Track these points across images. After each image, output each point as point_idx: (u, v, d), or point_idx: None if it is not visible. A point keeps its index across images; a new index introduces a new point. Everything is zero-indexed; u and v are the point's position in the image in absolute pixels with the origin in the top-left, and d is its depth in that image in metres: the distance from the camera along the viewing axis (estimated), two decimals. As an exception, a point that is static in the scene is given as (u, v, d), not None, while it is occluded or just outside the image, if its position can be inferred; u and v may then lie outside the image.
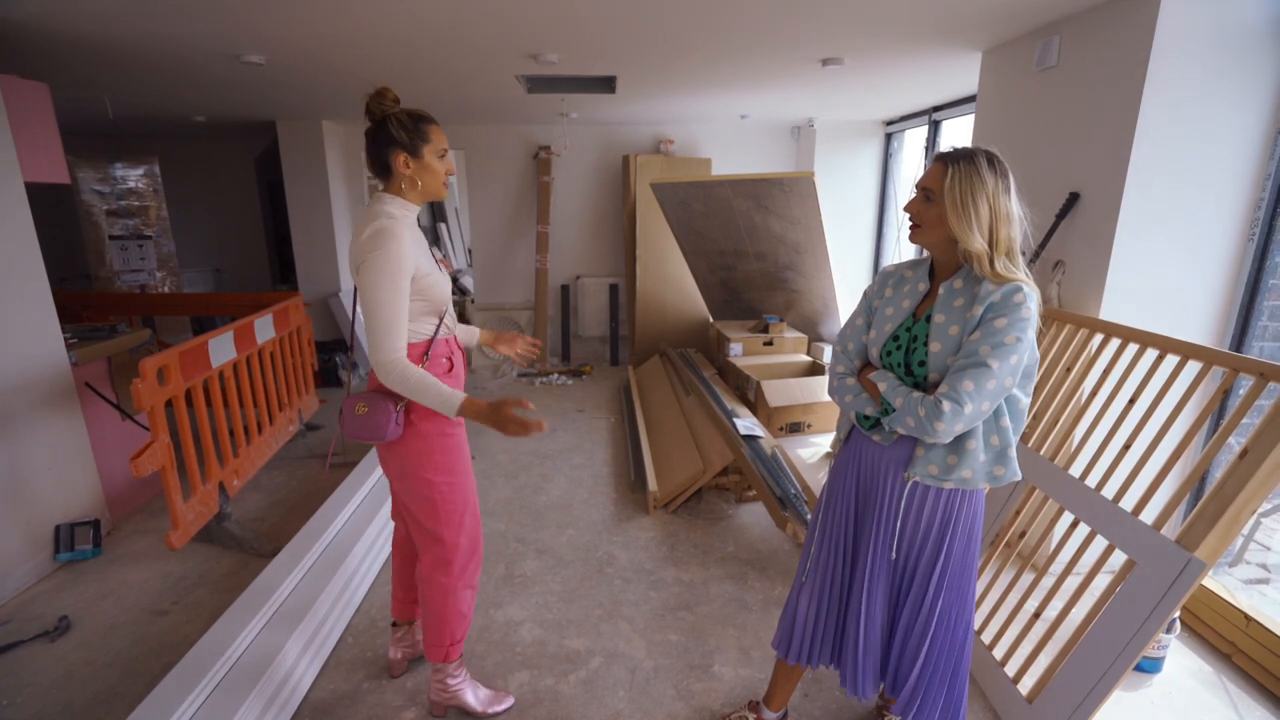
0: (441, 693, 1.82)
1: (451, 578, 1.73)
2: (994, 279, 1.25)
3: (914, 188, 1.32)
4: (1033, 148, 2.58)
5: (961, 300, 1.30)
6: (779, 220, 4.01)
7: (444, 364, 1.67)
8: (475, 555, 1.78)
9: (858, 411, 1.45)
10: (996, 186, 1.24)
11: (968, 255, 1.27)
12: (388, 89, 1.53)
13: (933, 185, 1.27)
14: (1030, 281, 1.27)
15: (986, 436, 1.31)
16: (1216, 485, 1.52)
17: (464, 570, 1.75)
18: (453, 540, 1.71)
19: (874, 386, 1.37)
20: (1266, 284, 2.14)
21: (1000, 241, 1.25)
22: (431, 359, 1.62)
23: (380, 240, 1.45)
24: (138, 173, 5.29)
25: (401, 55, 2.99)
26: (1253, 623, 1.98)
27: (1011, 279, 1.24)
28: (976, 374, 1.21)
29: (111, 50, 2.78)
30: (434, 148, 1.55)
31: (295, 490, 3.28)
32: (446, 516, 1.68)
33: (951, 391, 1.22)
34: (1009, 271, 1.25)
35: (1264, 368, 1.56)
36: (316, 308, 5.37)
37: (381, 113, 1.53)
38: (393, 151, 1.52)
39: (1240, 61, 2.03)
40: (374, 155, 1.55)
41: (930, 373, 1.30)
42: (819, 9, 2.31)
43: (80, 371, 2.75)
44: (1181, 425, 1.85)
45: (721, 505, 3.10)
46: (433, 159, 1.55)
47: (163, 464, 2.22)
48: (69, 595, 2.40)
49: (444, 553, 1.71)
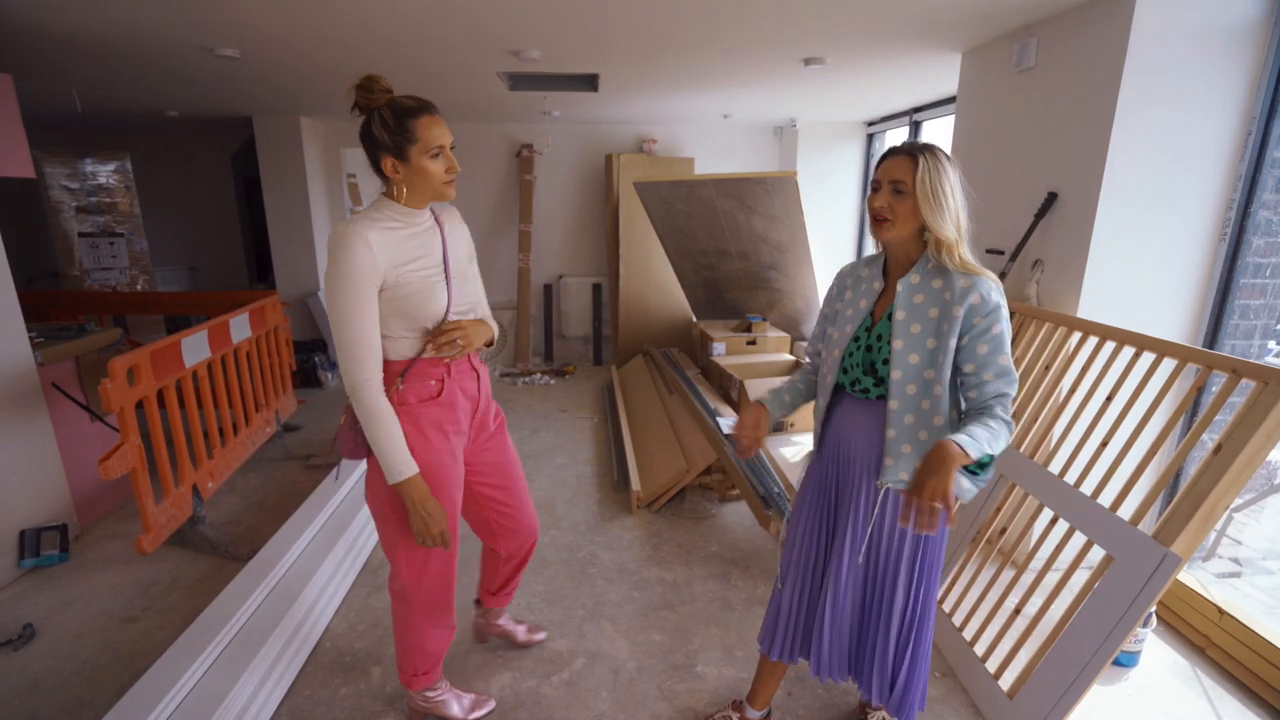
0: (421, 703, 1.77)
1: (413, 614, 1.60)
2: (963, 269, 1.28)
3: (878, 183, 1.30)
4: (1011, 148, 2.61)
5: (922, 296, 1.31)
6: (762, 220, 4.02)
7: (431, 387, 1.46)
8: (444, 598, 1.61)
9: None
10: (955, 176, 1.27)
11: (938, 246, 1.28)
12: (375, 78, 1.33)
13: (904, 178, 1.26)
14: (990, 272, 1.30)
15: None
16: (1191, 481, 1.54)
17: (430, 611, 1.60)
18: (412, 581, 1.55)
19: (964, 456, 1.17)
20: (1238, 282, 2.18)
21: (963, 230, 1.28)
22: (409, 380, 1.43)
23: (332, 251, 1.31)
24: (108, 168, 5.16)
25: (380, 50, 2.94)
26: (1226, 616, 2.01)
27: (979, 272, 1.28)
28: (1009, 383, 1.28)
29: (78, 41, 2.70)
30: (423, 147, 1.34)
31: (272, 492, 3.21)
32: (407, 557, 1.53)
33: (1002, 408, 1.27)
34: (971, 261, 1.29)
35: (1236, 364, 1.59)
36: (295, 307, 5.27)
37: (369, 106, 1.35)
38: (378, 154, 1.36)
39: (1213, 64, 2.06)
40: (368, 156, 1.39)
41: (893, 370, 1.31)
42: (801, 8, 2.31)
43: (47, 372, 2.67)
44: (1158, 422, 1.88)
45: (705, 504, 3.10)
46: (423, 160, 1.34)
47: (133, 466, 2.16)
48: (34, 602, 2.33)
49: (403, 589, 1.59)
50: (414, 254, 1.41)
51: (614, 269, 5.36)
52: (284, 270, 5.38)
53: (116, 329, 3.18)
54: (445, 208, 1.56)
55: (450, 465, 1.52)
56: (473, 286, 1.56)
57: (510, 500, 1.77)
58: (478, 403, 1.61)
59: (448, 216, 1.55)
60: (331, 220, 5.69)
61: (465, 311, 1.52)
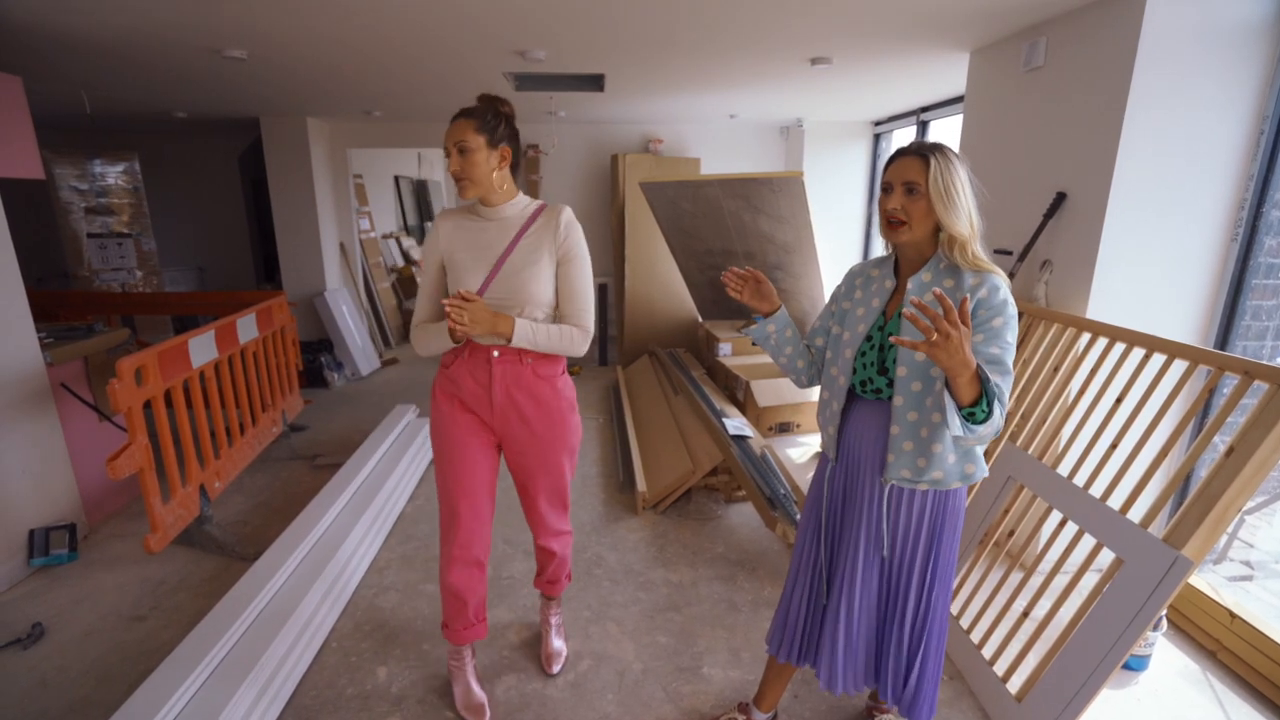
0: (449, 660, 1.89)
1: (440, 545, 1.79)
2: (973, 267, 1.27)
3: (890, 185, 1.29)
4: (1020, 148, 2.59)
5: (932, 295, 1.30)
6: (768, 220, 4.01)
7: (448, 358, 1.70)
8: (448, 529, 1.74)
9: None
10: (965, 173, 1.27)
11: (951, 244, 1.27)
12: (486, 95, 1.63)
13: (917, 178, 1.25)
14: (998, 269, 1.29)
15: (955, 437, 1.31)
16: (1202, 483, 1.53)
17: (443, 541, 1.75)
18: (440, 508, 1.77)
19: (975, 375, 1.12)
20: (1250, 283, 2.16)
21: (976, 226, 1.28)
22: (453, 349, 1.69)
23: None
24: (117, 169, 5.19)
25: (387, 51, 2.95)
26: (1237, 620, 1.99)
27: (989, 268, 1.27)
28: (1000, 374, 1.23)
29: (88, 44, 2.72)
30: (446, 151, 1.58)
31: (279, 492, 3.23)
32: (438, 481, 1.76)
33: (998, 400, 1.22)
34: (984, 259, 1.28)
35: (1249, 366, 1.57)
36: (302, 307, 5.29)
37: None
38: None
39: (1224, 63, 2.04)
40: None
41: (899, 366, 1.31)
42: (808, 7, 2.30)
43: (56, 372, 2.69)
44: (1168, 424, 1.86)
45: (710, 506, 3.09)
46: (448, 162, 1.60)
47: (141, 466, 2.17)
48: (43, 601, 2.34)
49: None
50: (466, 242, 1.63)
51: (620, 269, 5.36)
52: (291, 270, 5.40)
53: (124, 329, 3.19)
54: (560, 211, 1.63)
55: (451, 430, 1.69)
56: (525, 286, 1.59)
57: (526, 498, 1.85)
58: (489, 394, 1.65)
59: (547, 218, 1.63)
60: (338, 220, 5.71)
61: (501, 301, 1.60)
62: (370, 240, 6.56)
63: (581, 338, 1.64)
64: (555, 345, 1.61)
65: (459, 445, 1.69)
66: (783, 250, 4.19)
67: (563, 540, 1.92)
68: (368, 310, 6.08)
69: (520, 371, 1.65)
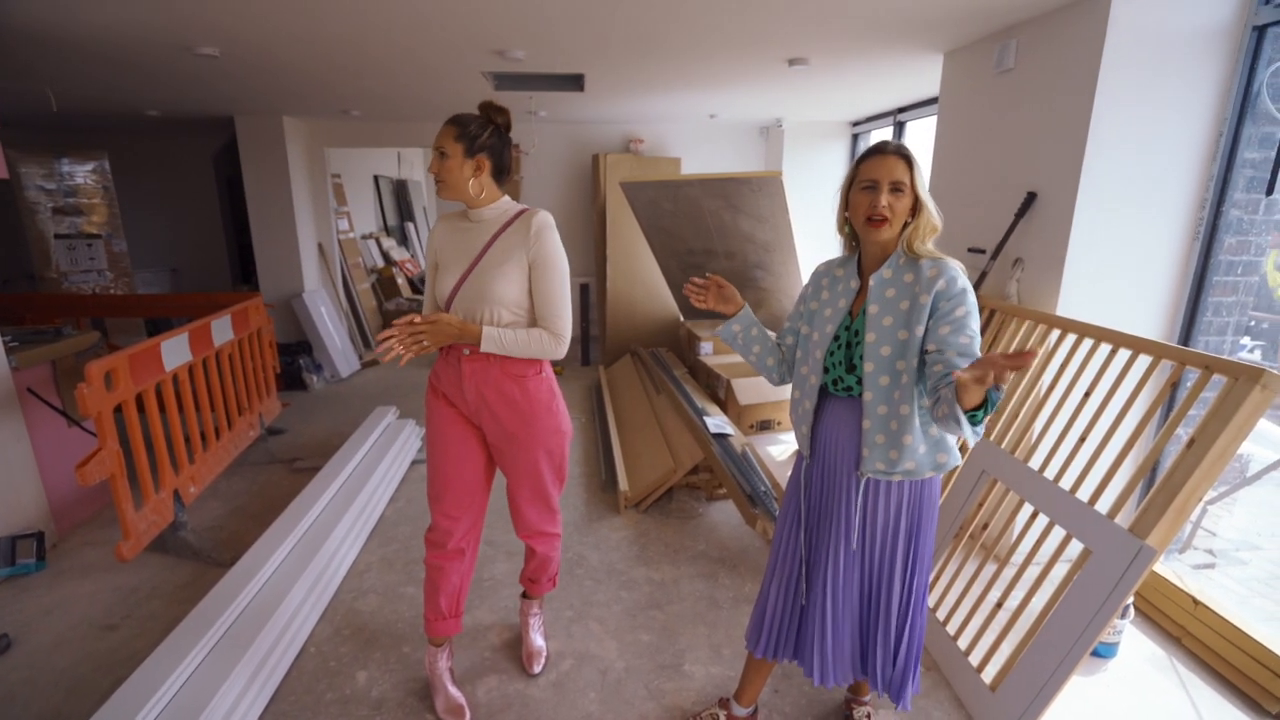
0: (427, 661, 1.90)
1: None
2: (930, 255, 1.33)
3: (876, 183, 1.32)
4: (992, 148, 2.64)
5: (893, 290, 1.34)
6: (748, 219, 4.03)
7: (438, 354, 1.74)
8: (433, 503, 1.79)
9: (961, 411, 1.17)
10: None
11: (914, 235, 1.33)
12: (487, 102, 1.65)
13: (903, 178, 1.31)
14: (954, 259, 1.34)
15: (924, 428, 1.35)
16: (1165, 475, 1.58)
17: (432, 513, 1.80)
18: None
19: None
20: (1211, 280, 2.22)
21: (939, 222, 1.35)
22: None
23: None
24: (86, 168, 5.07)
25: (364, 49, 2.92)
26: (1200, 606, 2.06)
27: (941, 255, 1.33)
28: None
29: (52, 39, 2.65)
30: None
31: (256, 497, 3.18)
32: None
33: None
34: (935, 250, 1.35)
35: (1209, 360, 1.62)
36: (279, 309, 5.21)
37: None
38: None
39: (1186, 65, 2.10)
40: None
41: (866, 362, 1.34)
42: (782, 8, 2.32)
43: (22, 376, 2.62)
44: (1134, 417, 1.91)
45: (692, 504, 3.11)
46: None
47: (111, 471, 2.13)
48: (9, 612, 2.28)
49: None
50: (452, 244, 1.69)
51: (601, 269, 5.36)
52: (268, 272, 5.32)
53: (94, 332, 3.13)
54: (534, 215, 1.64)
55: (437, 422, 1.76)
56: (491, 286, 1.60)
57: (509, 493, 1.87)
58: (460, 395, 1.71)
59: (521, 222, 1.63)
60: (316, 221, 5.64)
61: (469, 300, 1.63)
62: (349, 241, 6.49)
63: (553, 342, 1.64)
64: (526, 349, 1.63)
65: (442, 436, 1.76)
66: (763, 249, 4.22)
67: (546, 541, 1.93)
68: (347, 311, 6.01)
69: (489, 370, 1.66)
